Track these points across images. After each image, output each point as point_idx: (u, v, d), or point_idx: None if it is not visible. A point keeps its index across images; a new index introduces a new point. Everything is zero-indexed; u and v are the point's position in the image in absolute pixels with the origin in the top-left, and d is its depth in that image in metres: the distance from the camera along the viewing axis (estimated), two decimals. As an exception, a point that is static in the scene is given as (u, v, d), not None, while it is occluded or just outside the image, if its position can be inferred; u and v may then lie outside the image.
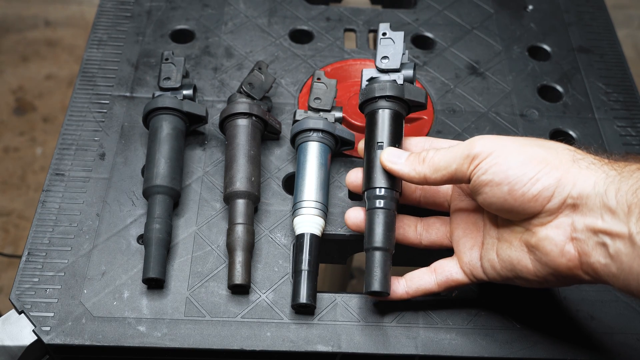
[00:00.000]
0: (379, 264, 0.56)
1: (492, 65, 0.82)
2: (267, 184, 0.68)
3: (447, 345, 0.58)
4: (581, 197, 0.49)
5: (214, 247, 0.63)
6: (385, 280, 0.56)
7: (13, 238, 1.66)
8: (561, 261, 0.50)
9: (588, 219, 0.48)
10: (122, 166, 0.69)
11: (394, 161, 0.58)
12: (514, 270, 0.53)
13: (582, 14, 0.89)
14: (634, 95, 0.79)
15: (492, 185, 0.51)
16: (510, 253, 0.54)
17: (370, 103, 0.62)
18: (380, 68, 0.64)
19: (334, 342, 0.58)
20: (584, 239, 0.48)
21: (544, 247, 0.50)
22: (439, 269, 0.58)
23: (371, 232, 0.57)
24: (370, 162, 0.59)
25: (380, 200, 0.58)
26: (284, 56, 0.81)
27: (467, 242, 0.58)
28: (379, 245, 0.56)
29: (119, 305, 0.59)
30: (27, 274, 0.61)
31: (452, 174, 0.54)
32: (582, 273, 0.50)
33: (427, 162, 0.56)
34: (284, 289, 0.61)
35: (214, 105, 0.75)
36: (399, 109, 0.61)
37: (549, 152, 0.51)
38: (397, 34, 0.64)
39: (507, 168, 0.51)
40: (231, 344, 0.57)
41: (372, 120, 0.61)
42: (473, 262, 0.57)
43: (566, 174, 0.49)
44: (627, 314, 0.61)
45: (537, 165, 0.50)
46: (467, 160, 0.53)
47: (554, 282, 0.53)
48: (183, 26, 0.83)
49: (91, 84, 0.76)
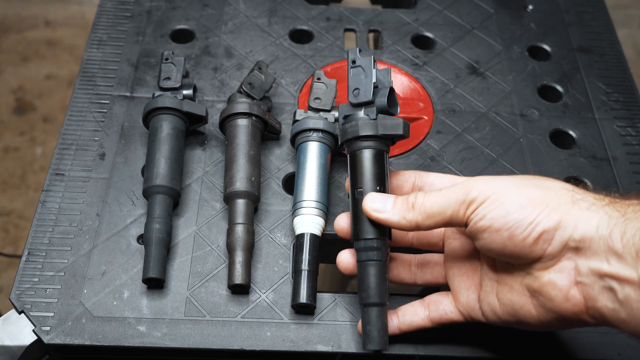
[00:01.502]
0: (376, 322, 0.54)
1: (492, 65, 0.82)
2: (267, 184, 0.68)
3: (447, 345, 0.58)
4: (584, 240, 0.47)
5: (214, 247, 0.63)
6: (383, 337, 0.54)
7: (13, 238, 1.66)
8: (566, 306, 0.48)
9: (592, 262, 0.46)
10: (122, 166, 0.69)
11: (379, 209, 0.54)
12: (517, 315, 0.51)
13: (582, 14, 0.89)
14: (634, 95, 0.79)
15: (491, 231, 0.49)
16: (512, 297, 0.51)
17: (347, 145, 0.58)
18: (353, 103, 0.59)
19: (334, 342, 0.58)
20: (589, 283, 0.47)
21: (548, 292, 0.48)
22: (433, 305, 0.56)
23: (365, 287, 0.55)
24: (354, 211, 0.56)
25: (369, 252, 0.55)
26: (284, 56, 0.81)
27: (464, 283, 0.56)
28: (374, 301, 0.54)
29: (119, 305, 0.59)
30: (27, 274, 0.61)
31: (447, 221, 0.51)
32: (588, 317, 0.48)
33: (418, 209, 0.52)
34: (284, 288, 0.61)
35: (214, 105, 0.75)
36: (376, 146, 0.57)
37: (547, 193, 0.49)
38: (365, 59, 0.60)
39: (506, 213, 0.48)
40: (231, 344, 0.57)
41: (352, 163, 0.57)
42: (471, 304, 0.55)
43: (567, 216, 0.47)
44: (627, 314, 0.61)
45: (536, 207, 0.48)
46: (464, 206, 0.50)
47: (557, 326, 0.51)
48: (183, 26, 0.83)
49: (91, 84, 0.76)
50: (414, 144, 0.73)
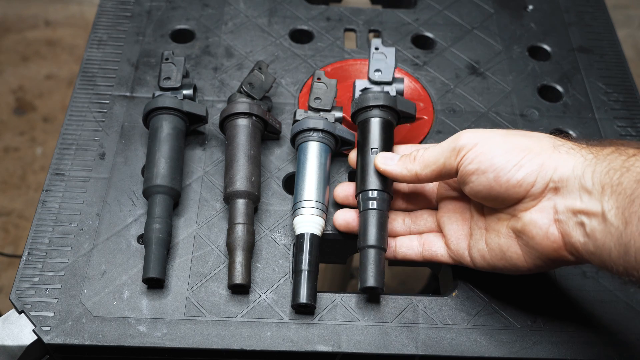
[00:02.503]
0: (374, 261, 0.58)
1: (492, 65, 0.82)
2: (267, 184, 0.68)
3: (447, 345, 0.58)
4: (562, 180, 0.51)
5: (214, 247, 0.63)
6: (380, 276, 0.58)
7: (13, 238, 1.66)
8: (547, 243, 0.52)
9: (568, 200, 0.50)
10: (122, 166, 0.69)
11: (387, 163, 0.61)
12: (504, 258, 0.55)
13: (582, 14, 0.89)
14: (634, 95, 0.79)
15: (479, 173, 0.54)
16: (500, 241, 0.56)
17: (364, 111, 0.65)
18: (373, 80, 0.67)
19: (334, 342, 0.58)
20: (565, 220, 0.51)
21: (530, 231, 0.53)
22: (427, 245, 0.61)
23: (365, 231, 0.59)
24: (365, 167, 0.62)
25: (373, 201, 0.60)
26: (284, 56, 0.81)
27: (455, 231, 0.60)
28: (373, 243, 0.58)
29: (119, 305, 0.59)
30: (27, 274, 0.61)
31: (441, 168, 0.57)
32: (567, 254, 0.52)
33: (418, 160, 0.59)
34: (284, 288, 0.61)
35: (214, 105, 0.75)
36: (391, 118, 0.65)
37: (531, 140, 0.54)
38: (389, 49, 0.68)
39: (492, 156, 0.53)
40: (231, 343, 0.57)
41: (366, 127, 0.64)
42: (460, 251, 0.59)
43: (548, 160, 0.52)
44: (627, 314, 0.61)
45: (521, 152, 0.53)
46: (454, 153, 0.55)
47: (542, 266, 0.54)
48: (183, 26, 0.83)
49: (91, 83, 0.76)
50: (414, 144, 0.73)
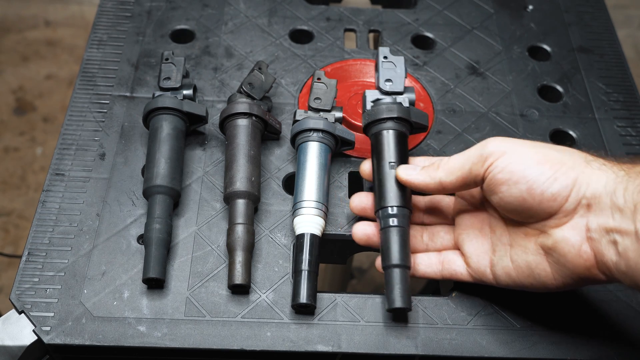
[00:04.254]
0: (400, 281, 0.56)
1: (492, 65, 0.82)
2: (267, 184, 0.68)
3: (447, 345, 0.58)
4: (594, 197, 0.50)
5: (214, 247, 0.63)
6: (407, 296, 0.56)
7: (13, 238, 1.66)
8: (579, 261, 0.50)
9: (601, 218, 0.49)
10: (122, 166, 0.69)
11: (409, 173, 0.58)
12: (532, 276, 0.54)
13: (582, 14, 0.89)
14: (634, 95, 0.79)
15: (510, 183, 0.52)
16: (527, 258, 0.54)
17: (377, 124, 0.62)
18: (384, 90, 0.65)
19: (334, 342, 0.58)
20: (598, 238, 0.49)
21: (562, 249, 0.51)
22: (447, 263, 0.59)
23: (388, 250, 0.58)
24: (383, 181, 0.60)
25: (394, 218, 0.58)
26: (284, 56, 0.81)
27: (475, 248, 0.58)
28: (398, 262, 0.57)
29: (119, 305, 0.59)
30: (27, 274, 0.61)
31: (466, 175, 0.55)
32: (599, 272, 0.50)
33: (442, 167, 0.57)
34: (284, 289, 0.61)
35: (214, 105, 0.75)
36: (405, 130, 0.63)
37: (563, 153, 0.52)
38: (398, 58, 0.66)
39: (524, 167, 0.51)
40: (231, 344, 0.57)
41: (381, 140, 0.62)
42: (482, 269, 0.57)
43: (581, 175, 0.50)
44: (627, 314, 0.61)
45: (554, 165, 0.51)
46: (482, 159, 0.53)
47: (572, 284, 0.53)
48: (183, 26, 0.83)
49: (91, 84, 0.76)
50: (414, 144, 0.73)
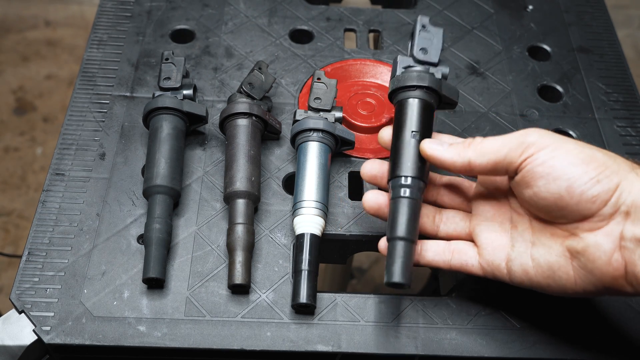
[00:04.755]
0: (402, 255, 0.53)
1: (492, 65, 0.82)
2: (267, 184, 0.68)
3: (447, 345, 0.58)
4: (635, 206, 0.48)
5: (214, 247, 0.63)
6: (407, 272, 0.53)
7: (13, 238, 1.66)
8: (608, 270, 0.48)
9: (638, 228, 0.47)
10: (122, 166, 0.69)
11: (435, 147, 0.55)
12: (552, 277, 0.51)
13: (582, 14, 0.89)
14: (634, 95, 0.80)
15: (549, 178, 0.49)
16: (550, 258, 0.51)
17: (405, 90, 0.58)
18: (418, 59, 0.60)
19: (334, 342, 0.58)
20: (632, 248, 0.47)
21: (592, 254, 0.49)
22: (457, 253, 0.56)
23: (395, 221, 0.54)
24: (400, 150, 0.56)
25: (406, 189, 0.55)
26: (284, 56, 0.81)
27: (493, 240, 0.55)
28: (403, 235, 0.53)
29: (119, 305, 0.59)
30: (28, 274, 0.61)
31: (500, 160, 0.51)
32: (626, 283, 0.48)
33: (473, 147, 0.53)
34: (284, 288, 0.61)
35: (214, 105, 0.75)
36: (433, 102, 0.59)
37: (608, 156, 0.50)
38: (438, 29, 0.61)
39: (568, 163, 0.49)
40: (231, 343, 0.57)
41: (405, 108, 0.58)
42: (496, 263, 0.54)
43: (625, 181, 0.48)
44: (627, 314, 0.61)
45: (598, 167, 0.49)
46: (522, 147, 0.50)
47: (592, 292, 0.51)
48: (183, 26, 0.83)
49: (91, 84, 0.76)
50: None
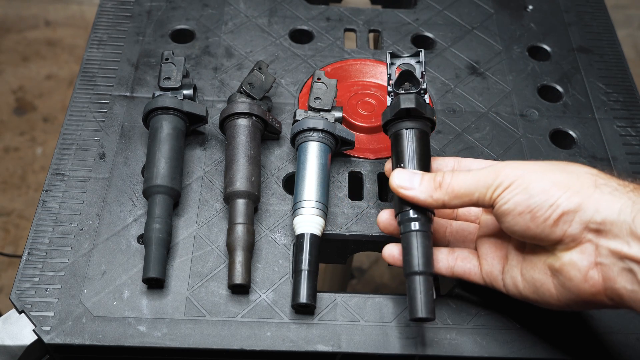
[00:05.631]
0: (422, 290, 0.54)
1: (492, 65, 0.82)
2: (267, 184, 0.68)
3: (447, 345, 0.58)
4: (605, 223, 0.48)
5: (214, 247, 0.63)
6: (430, 305, 0.54)
7: (13, 238, 1.66)
8: (584, 287, 0.49)
9: (613, 243, 0.48)
10: (122, 166, 0.69)
11: (406, 187, 0.56)
12: (537, 293, 0.53)
13: (582, 14, 0.89)
14: (634, 95, 0.80)
15: (514, 214, 0.51)
16: (534, 275, 0.53)
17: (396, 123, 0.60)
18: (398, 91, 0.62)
19: (334, 342, 0.58)
20: (609, 264, 0.48)
21: (568, 272, 0.50)
22: (461, 261, 0.58)
23: (410, 257, 0.55)
24: None
25: (415, 222, 0.56)
26: (284, 56, 0.81)
27: (491, 253, 0.57)
28: (420, 269, 0.55)
29: (119, 305, 0.59)
30: (28, 274, 0.61)
31: (473, 202, 0.54)
32: (606, 299, 0.49)
33: (445, 189, 0.55)
34: (284, 288, 0.61)
35: (214, 105, 0.75)
36: (422, 127, 0.60)
37: (570, 176, 0.51)
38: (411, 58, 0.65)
39: (529, 197, 0.51)
40: (231, 343, 0.57)
41: (398, 140, 0.60)
42: (494, 274, 0.57)
43: (587, 199, 0.49)
44: (627, 314, 0.61)
45: (558, 190, 0.50)
46: (490, 190, 0.53)
47: (575, 307, 0.52)
48: (183, 26, 0.83)
49: (91, 84, 0.76)
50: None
